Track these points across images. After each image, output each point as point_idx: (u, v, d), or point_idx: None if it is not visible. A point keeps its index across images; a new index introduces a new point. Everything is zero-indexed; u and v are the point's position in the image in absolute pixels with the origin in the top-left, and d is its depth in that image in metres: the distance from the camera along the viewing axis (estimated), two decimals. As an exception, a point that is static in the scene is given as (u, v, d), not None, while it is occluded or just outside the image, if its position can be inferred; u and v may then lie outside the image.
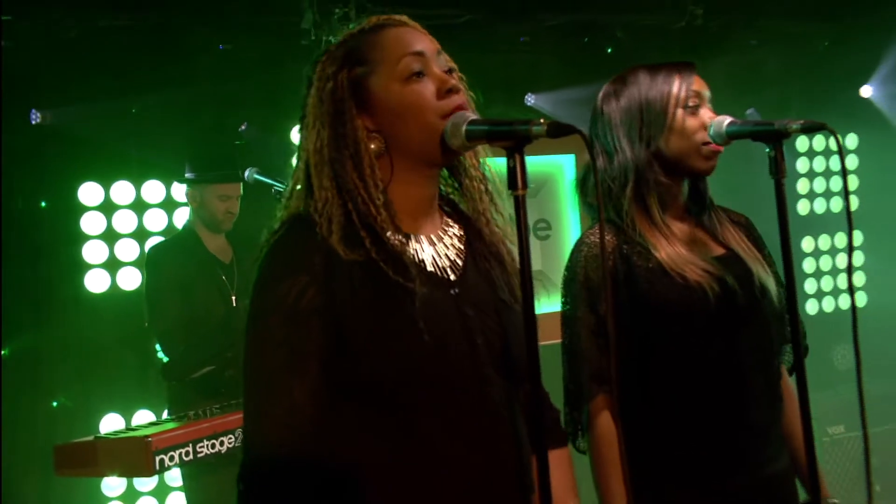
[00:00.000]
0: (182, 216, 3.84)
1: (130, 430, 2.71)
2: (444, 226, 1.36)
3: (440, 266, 1.30)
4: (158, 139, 3.76)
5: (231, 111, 3.88)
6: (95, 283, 3.72)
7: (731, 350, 1.67)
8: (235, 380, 3.09)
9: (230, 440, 2.64)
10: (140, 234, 3.82)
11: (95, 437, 2.58)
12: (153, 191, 3.86)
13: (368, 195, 1.25)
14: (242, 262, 3.40)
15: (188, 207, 3.47)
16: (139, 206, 3.83)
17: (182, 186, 3.50)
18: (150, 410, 3.67)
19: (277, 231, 1.27)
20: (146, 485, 3.67)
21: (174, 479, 3.61)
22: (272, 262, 1.25)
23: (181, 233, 3.50)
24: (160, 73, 3.65)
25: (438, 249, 1.32)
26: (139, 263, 3.75)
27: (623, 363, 1.65)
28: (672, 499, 1.66)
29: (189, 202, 3.41)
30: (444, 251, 1.33)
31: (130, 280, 3.76)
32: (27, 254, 3.56)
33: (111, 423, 3.63)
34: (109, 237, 3.76)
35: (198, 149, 3.49)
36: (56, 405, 3.67)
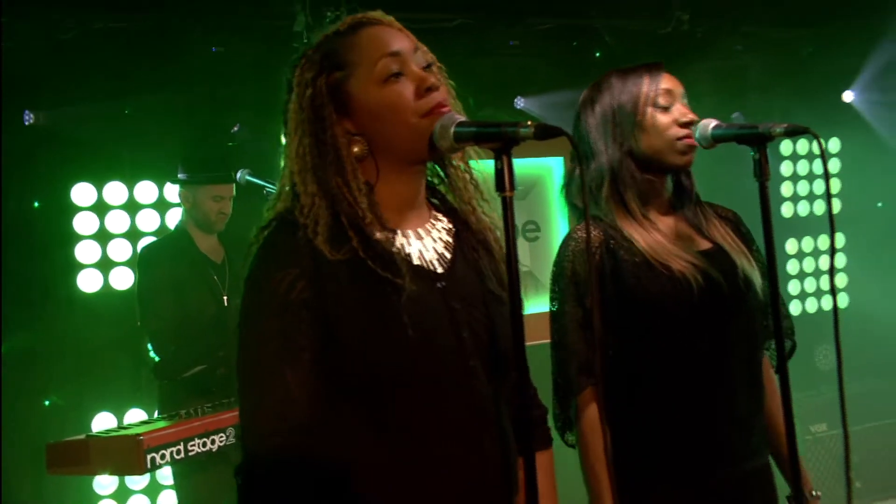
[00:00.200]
0: (174, 217, 3.82)
1: (122, 429, 2.70)
2: (433, 219, 1.37)
3: (427, 260, 1.30)
4: (151, 140, 3.74)
5: (224, 113, 3.87)
6: (88, 283, 3.70)
7: (716, 342, 1.67)
8: (227, 379, 3.08)
9: (221, 439, 2.63)
10: (133, 235, 3.80)
11: (87, 436, 2.56)
12: (146, 191, 3.84)
13: (353, 199, 1.25)
14: (234, 263, 3.40)
15: (180, 208, 3.46)
16: (132, 207, 3.81)
17: (175, 187, 3.49)
18: (143, 409, 3.65)
19: (266, 228, 1.28)
20: (138, 483, 3.65)
21: (166, 478, 3.59)
22: (262, 257, 1.25)
23: (173, 233, 3.49)
24: (153, 75, 3.64)
25: (426, 243, 1.32)
26: (132, 263, 3.73)
27: (610, 356, 1.66)
28: (658, 491, 1.66)
29: (182, 203, 3.40)
30: (432, 244, 1.33)
31: (123, 280, 3.74)
32: (20, 254, 3.53)
33: (103, 422, 3.61)
34: (102, 237, 3.74)
35: (191, 150, 3.48)
36: (48, 404, 3.65)
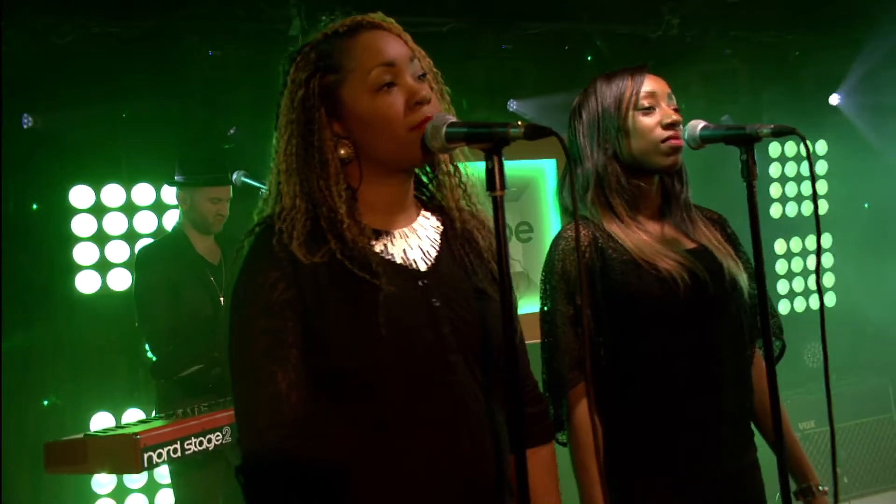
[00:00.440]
0: (171, 218, 3.81)
1: (119, 428, 2.69)
2: (421, 217, 1.37)
3: (411, 259, 1.30)
4: (148, 143, 3.73)
5: (220, 116, 3.86)
6: (86, 284, 3.69)
7: (703, 340, 1.67)
8: (223, 378, 3.07)
9: (217, 437, 2.63)
10: (130, 236, 3.78)
11: (85, 435, 2.55)
12: (143, 193, 3.83)
13: (333, 203, 1.26)
14: (230, 264, 3.39)
15: (178, 209, 3.44)
16: (129, 209, 3.80)
17: (172, 189, 3.48)
18: (140, 409, 3.64)
19: (252, 231, 1.30)
20: (136, 482, 3.64)
21: (163, 476, 3.58)
22: (247, 260, 1.27)
23: (170, 234, 3.48)
24: (150, 79, 3.63)
25: (411, 242, 1.32)
26: (129, 265, 3.72)
27: (601, 352, 1.66)
28: (647, 486, 1.66)
29: (179, 204, 3.39)
30: (418, 243, 1.33)
31: (121, 281, 3.73)
32: (19, 255, 3.52)
33: (101, 422, 3.59)
34: (100, 239, 3.73)
35: (188, 152, 3.47)
36: (47, 404, 3.63)
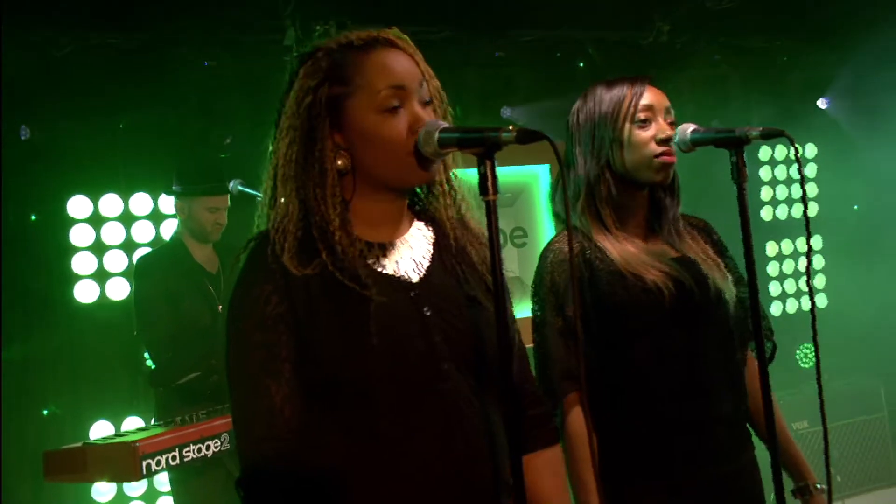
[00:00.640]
0: (169, 228, 3.80)
1: (118, 436, 2.67)
2: (414, 228, 1.36)
3: (402, 270, 1.30)
4: (146, 153, 3.72)
5: (216, 126, 3.85)
6: (85, 294, 3.67)
7: (692, 347, 1.67)
8: (221, 385, 3.06)
9: (216, 444, 2.61)
10: (128, 246, 3.77)
11: (84, 444, 2.54)
12: (141, 203, 3.82)
13: (327, 212, 1.25)
14: (228, 272, 3.38)
15: (175, 219, 3.43)
16: (127, 219, 3.79)
17: (170, 199, 3.47)
18: (139, 417, 3.62)
19: (248, 245, 1.29)
20: (135, 489, 3.61)
21: (163, 484, 3.56)
22: (242, 273, 1.27)
23: (169, 243, 3.47)
24: (147, 90, 3.62)
25: (403, 253, 1.32)
26: (127, 274, 3.71)
27: (591, 362, 1.65)
28: (642, 492, 1.65)
29: (178, 214, 3.38)
30: (410, 254, 1.32)
31: (119, 290, 3.71)
32: (18, 265, 3.50)
33: (101, 430, 3.57)
34: (98, 249, 3.72)
35: (186, 162, 3.46)
36: (47, 413, 3.61)
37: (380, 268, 1.28)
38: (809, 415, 4.32)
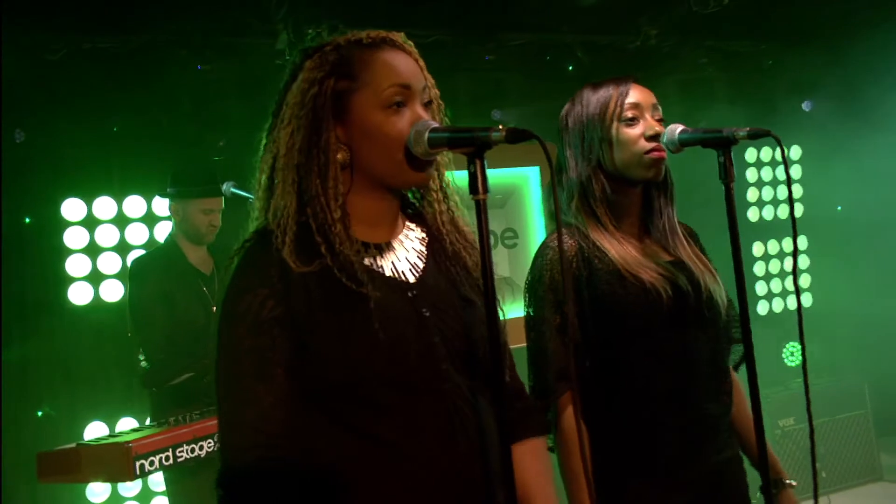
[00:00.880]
0: (162, 230, 3.78)
1: (112, 437, 2.64)
2: (406, 229, 1.35)
3: (399, 270, 1.28)
4: (139, 156, 3.72)
5: (210, 129, 3.84)
6: (79, 296, 3.65)
7: (685, 348, 1.66)
8: (214, 386, 3.03)
9: (210, 444, 2.59)
10: (122, 248, 3.75)
11: (77, 444, 2.51)
12: (134, 206, 3.80)
13: (327, 205, 1.23)
14: (222, 274, 3.34)
15: (169, 221, 3.41)
16: (121, 221, 3.77)
17: (165, 201, 3.45)
18: (134, 418, 3.59)
19: (243, 246, 1.26)
20: (130, 490, 3.59)
21: (157, 484, 3.54)
22: (236, 276, 1.24)
23: (164, 245, 3.44)
24: (140, 94, 3.60)
25: (398, 254, 1.30)
26: (121, 276, 3.69)
27: (587, 361, 1.64)
28: (635, 492, 1.64)
29: (172, 216, 3.35)
30: (405, 254, 1.31)
31: (113, 292, 3.70)
32: (12, 268, 3.48)
33: (95, 431, 3.55)
34: (92, 251, 3.69)
35: (181, 165, 3.44)
36: (41, 415, 3.58)
37: (377, 268, 1.27)
38: (796, 412, 4.33)
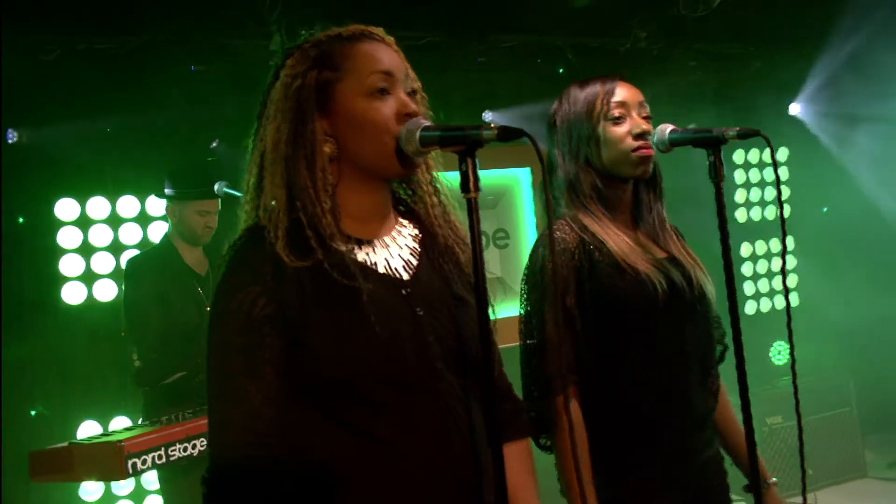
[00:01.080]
0: (156, 230, 3.75)
1: (104, 436, 2.62)
2: (399, 226, 1.33)
3: (392, 267, 1.26)
4: (133, 157, 3.69)
5: (203, 129, 3.81)
6: (72, 296, 3.62)
7: (678, 343, 1.66)
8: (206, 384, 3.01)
9: (202, 443, 2.57)
10: (116, 248, 3.72)
11: (70, 443, 2.48)
12: (128, 206, 3.77)
13: (316, 196, 1.21)
14: (217, 274, 3.32)
15: (163, 221, 3.39)
16: (114, 221, 3.74)
17: (159, 201, 3.42)
18: (127, 417, 3.56)
19: (234, 245, 1.25)
20: (123, 488, 3.56)
21: (151, 483, 3.51)
22: (227, 275, 1.22)
23: (159, 245, 3.41)
24: (134, 94, 3.58)
25: (392, 251, 1.28)
26: (115, 276, 3.66)
27: (587, 355, 1.62)
28: (633, 485, 1.62)
29: (169, 217, 3.33)
30: (398, 251, 1.29)
31: (106, 292, 3.66)
32: (6, 268, 3.44)
33: (89, 430, 3.51)
34: (86, 251, 3.66)
35: (178, 166, 3.42)
36: (35, 414, 3.55)
37: (371, 264, 1.25)
38: (783, 410, 4.34)
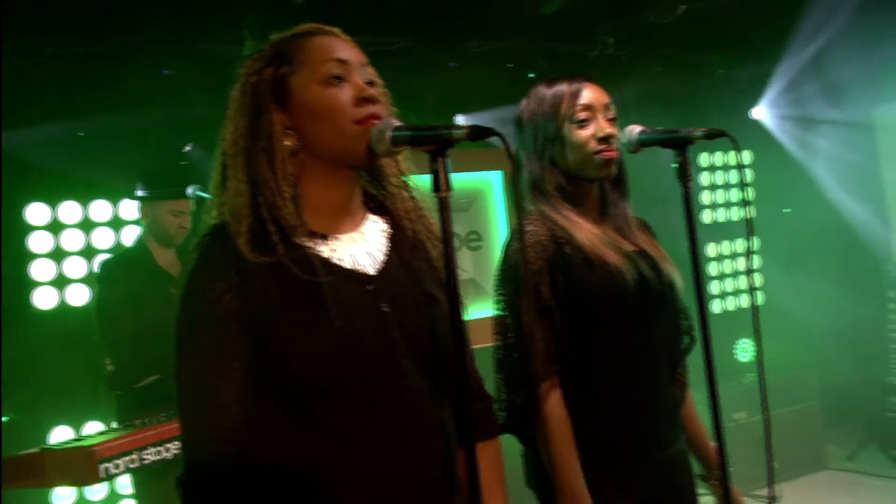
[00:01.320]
0: (129, 234, 3.69)
1: (76, 441, 2.55)
2: (368, 221, 1.31)
3: (359, 263, 1.24)
4: (105, 161, 3.61)
5: (175, 134, 3.76)
6: (44, 300, 3.54)
7: (647, 336, 1.66)
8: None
9: (176, 446, 2.51)
10: (88, 252, 3.65)
11: (41, 449, 2.42)
12: (100, 210, 3.70)
13: (277, 186, 1.19)
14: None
15: (137, 225, 3.33)
16: (87, 225, 3.67)
17: (132, 204, 3.36)
18: (100, 421, 3.49)
19: (200, 242, 1.22)
20: (96, 493, 3.48)
21: (125, 487, 3.44)
22: (193, 272, 1.20)
23: (132, 248, 3.35)
24: (105, 98, 3.52)
25: (359, 246, 1.26)
26: (87, 280, 3.59)
27: (563, 348, 1.61)
28: (600, 474, 1.61)
29: (142, 218, 3.27)
30: (366, 247, 1.27)
31: (79, 296, 3.59)
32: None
33: (61, 436, 3.44)
34: (57, 255, 3.59)
35: (150, 167, 3.36)
36: (6, 420, 3.45)
37: (336, 260, 1.23)
38: (747, 406, 4.39)
